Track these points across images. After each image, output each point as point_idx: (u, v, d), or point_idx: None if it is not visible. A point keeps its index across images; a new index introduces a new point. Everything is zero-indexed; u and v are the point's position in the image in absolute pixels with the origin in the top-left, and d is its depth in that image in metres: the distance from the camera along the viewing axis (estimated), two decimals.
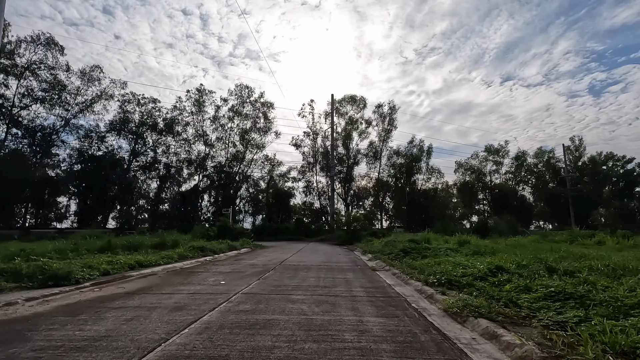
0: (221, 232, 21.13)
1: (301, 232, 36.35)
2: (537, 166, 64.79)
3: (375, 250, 14.98)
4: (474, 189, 59.25)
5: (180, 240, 16.42)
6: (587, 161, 67.38)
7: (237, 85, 42.37)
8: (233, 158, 42.26)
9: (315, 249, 19.29)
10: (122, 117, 36.53)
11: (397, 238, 16.54)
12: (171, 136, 38.81)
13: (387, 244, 15.20)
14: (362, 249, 18.25)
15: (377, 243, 18.96)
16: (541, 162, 64.67)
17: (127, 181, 34.22)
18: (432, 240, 14.37)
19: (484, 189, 60.15)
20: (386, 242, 15.68)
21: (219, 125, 42.08)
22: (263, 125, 43.47)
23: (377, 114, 50.95)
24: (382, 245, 15.75)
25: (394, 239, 16.07)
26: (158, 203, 36.93)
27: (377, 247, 15.71)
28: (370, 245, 18.78)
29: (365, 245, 19.30)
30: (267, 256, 14.38)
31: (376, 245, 17.21)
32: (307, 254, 16.06)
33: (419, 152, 53.68)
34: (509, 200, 60.77)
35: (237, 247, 18.27)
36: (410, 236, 17.57)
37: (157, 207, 36.42)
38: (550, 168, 63.17)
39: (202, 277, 7.94)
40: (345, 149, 49.81)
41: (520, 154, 62.23)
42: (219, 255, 14.17)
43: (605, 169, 67.96)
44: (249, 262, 11.44)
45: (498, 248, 11.76)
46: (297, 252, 17.17)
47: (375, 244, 18.82)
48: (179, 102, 39.51)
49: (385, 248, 14.10)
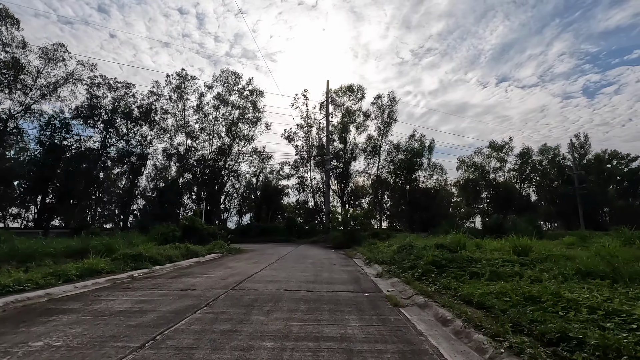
0: (186, 233, 16.59)
1: (292, 232, 31.83)
2: (542, 163, 61.05)
3: (385, 259, 10.55)
4: (477, 187, 55.09)
5: (120, 244, 11.87)
6: (592, 159, 64.06)
7: (222, 71, 37.92)
8: (218, 151, 37.65)
9: (304, 255, 14.79)
10: (91, 103, 31.81)
11: (412, 241, 12.07)
12: (148, 125, 34.14)
13: (400, 251, 10.77)
14: (364, 255, 13.80)
15: (383, 248, 14.50)
16: (546, 159, 60.96)
17: (94, 175, 29.53)
18: (467, 245, 9.90)
19: (487, 187, 56.00)
20: (399, 248, 11.24)
21: (202, 115, 37.47)
22: (252, 115, 38.91)
23: (375, 106, 46.61)
24: (392, 252, 11.31)
25: (409, 242, 11.62)
26: (131, 200, 32.29)
27: (386, 255, 11.28)
28: (375, 250, 14.33)
29: (368, 251, 14.85)
30: (229, 269, 9.86)
31: (384, 251, 12.76)
32: (289, 263, 11.55)
33: (420, 147, 49.39)
34: (514, 198, 56.94)
35: (200, 253, 13.73)
36: (432, 240, 13.17)
37: (129, 204, 31.78)
38: (555, 166, 59.43)
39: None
40: (342, 143, 45.36)
41: (524, 150, 58.25)
42: (157, 268, 9.62)
43: (609, 167, 64.98)
44: (184, 285, 6.93)
45: (577, 255, 7.37)
46: (277, 260, 12.67)
47: (381, 248, 14.36)
48: (156, 87, 34.89)
49: (399, 257, 9.67)
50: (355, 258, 13.61)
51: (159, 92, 34.81)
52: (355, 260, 12.85)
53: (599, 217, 60.37)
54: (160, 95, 34.83)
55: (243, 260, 12.43)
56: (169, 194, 30.34)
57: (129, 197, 31.59)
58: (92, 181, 29.67)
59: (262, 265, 10.71)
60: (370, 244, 18.18)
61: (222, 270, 9.52)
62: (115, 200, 33.11)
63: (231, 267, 10.19)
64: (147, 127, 34.54)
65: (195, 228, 16.87)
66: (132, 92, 33.81)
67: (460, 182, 55.31)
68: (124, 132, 33.45)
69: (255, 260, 12.32)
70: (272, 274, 8.62)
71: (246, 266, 10.47)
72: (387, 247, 14.84)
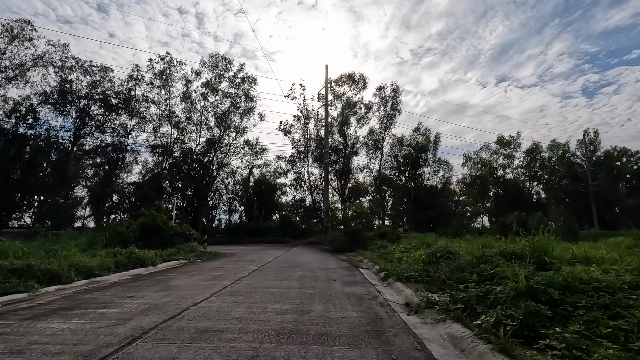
0: (145, 233, 12.79)
1: (287, 232, 28.05)
2: (550, 160, 57.52)
3: (412, 273, 6.77)
4: (485, 184, 51.36)
5: (20, 251, 8.09)
6: (602, 156, 60.67)
7: (211, 56, 34.02)
8: (207, 143, 33.83)
9: (293, 263, 10.94)
10: (62, 87, 27.98)
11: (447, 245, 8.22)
12: (127, 114, 30.32)
13: (435, 260, 7.02)
14: (373, 263, 10.02)
15: (399, 253, 10.72)
16: (555, 155, 57.47)
17: (63, 168, 25.71)
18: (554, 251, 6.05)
19: (495, 185, 52.26)
20: (432, 256, 7.46)
21: (189, 104, 33.63)
22: (244, 105, 35.08)
23: (378, 97, 42.79)
24: (422, 261, 7.52)
25: (445, 246, 7.79)
26: (106, 196, 28.44)
27: (411, 265, 7.53)
28: (388, 256, 10.55)
29: (379, 257, 11.07)
30: (166, 291, 6.05)
31: (403, 259, 9.03)
32: (267, 279, 7.75)
33: (425, 141, 45.67)
34: (522, 197, 53.42)
35: (151, 261, 9.90)
36: (470, 244, 9.42)
37: (104, 201, 27.91)
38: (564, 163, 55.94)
39: None
40: (342, 137, 41.53)
41: (533, 145, 54.63)
42: (49, 290, 5.79)
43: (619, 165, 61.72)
44: None
45: None
46: (254, 271, 8.85)
47: (396, 253, 10.56)
48: (136, 71, 31.03)
49: (441, 272, 5.90)
50: (362, 267, 9.80)
51: (139, 77, 30.99)
52: (363, 271, 9.05)
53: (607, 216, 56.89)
54: (141, 79, 31.00)
55: (205, 272, 8.62)
56: (148, 189, 26.51)
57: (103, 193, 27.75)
58: (62, 175, 25.84)
59: (225, 282, 6.91)
60: (379, 247, 14.38)
61: (151, 293, 5.71)
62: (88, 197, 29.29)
63: (173, 287, 6.38)
64: (127, 116, 30.73)
65: (157, 227, 13.06)
66: (110, 76, 30.01)
67: (467, 179, 51.59)
68: (100, 121, 29.62)
69: (221, 273, 8.50)
70: (225, 305, 4.81)
71: (199, 285, 6.66)
72: (403, 251, 11.04)
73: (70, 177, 26.36)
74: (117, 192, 28.48)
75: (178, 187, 30.78)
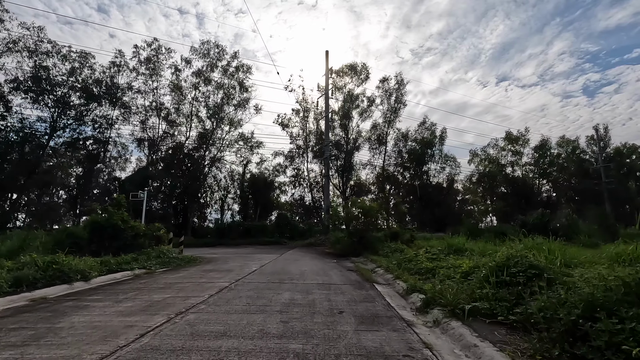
0: (97, 234, 9.90)
1: (284, 232, 25.17)
2: (560, 157, 54.73)
3: (470, 299, 3.82)
4: (494, 182, 48.43)
5: None
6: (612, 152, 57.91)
7: (203, 42, 31.13)
8: (199, 137, 30.96)
9: (281, 279, 7.91)
10: (37, 74, 25.11)
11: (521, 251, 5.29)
12: (110, 104, 27.45)
13: (501, 276, 4.07)
14: (394, 275, 7.07)
15: (425, 260, 7.81)
16: (565, 152, 54.72)
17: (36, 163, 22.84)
18: None
19: (505, 182, 49.33)
20: (496, 270, 4.46)
21: (179, 95, 30.74)
22: (239, 96, 32.17)
23: (381, 90, 39.87)
24: (479, 279, 4.56)
25: (517, 255, 4.88)
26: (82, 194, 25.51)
27: (461, 285, 4.58)
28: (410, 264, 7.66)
29: (396, 265, 8.17)
30: (36, 345, 3.10)
31: (432, 268, 6.12)
32: (229, 314, 4.81)
33: (431, 136, 42.80)
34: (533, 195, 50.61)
35: (84, 275, 6.97)
36: (522, 244, 6.42)
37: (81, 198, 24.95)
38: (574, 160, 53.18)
39: None
40: (344, 131, 38.62)
41: (543, 141, 51.81)
42: None
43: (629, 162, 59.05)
44: None
45: None
46: (219, 291, 5.91)
47: (423, 262, 7.64)
48: (119, 57, 28.14)
49: (527, 304, 2.92)
50: (379, 283, 6.86)
51: (122, 63, 28.11)
52: (381, 289, 6.12)
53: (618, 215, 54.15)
54: (124, 66, 28.12)
55: (147, 293, 5.70)
56: (130, 186, 23.61)
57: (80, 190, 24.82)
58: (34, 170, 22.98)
59: (155, 320, 3.99)
60: (393, 251, 11.46)
61: None
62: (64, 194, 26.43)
63: (40, 338, 3.48)
64: (110, 107, 27.87)
65: (114, 227, 10.15)
66: (91, 63, 27.13)
67: (474, 176, 48.61)
68: (80, 112, 26.75)
69: (169, 295, 5.56)
70: None
71: (104, 327, 3.75)
72: (432, 258, 8.13)
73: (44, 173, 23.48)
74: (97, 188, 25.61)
75: (166, 184, 27.93)
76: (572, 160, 53.92)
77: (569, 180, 55.73)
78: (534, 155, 52.13)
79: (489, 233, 20.27)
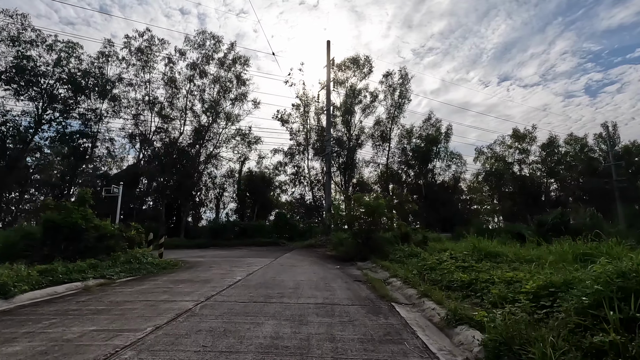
0: (51, 235, 8.13)
1: (282, 232, 23.39)
2: (568, 155, 52.74)
3: None
4: (502, 181, 46.48)
5: None
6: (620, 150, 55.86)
7: (198, 32, 29.37)
8: (194, 132, 29.18)
9: (269, 295, 6.05)
10: (20, 64, 23.40)
11: None
12: (99, 96, 25.71)
13: None
14: (419, 292, 5.24)
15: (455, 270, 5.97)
16: (573, 150, 52.72)
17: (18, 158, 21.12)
18: None
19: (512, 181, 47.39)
20: (614, 296, 2.59)
21: (173, 87, 28.97)
22: (235, 90, 30.38)
23: (385, 85, 37.98)
24: (595, 318, 2.71)
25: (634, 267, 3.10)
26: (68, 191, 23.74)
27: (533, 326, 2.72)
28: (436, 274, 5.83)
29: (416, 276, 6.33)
30: None
31: (472, 281, 4.23)
32: None
33: (436, 133, 40.93)
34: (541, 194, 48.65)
35: (5, 291, 5.17)
36: None
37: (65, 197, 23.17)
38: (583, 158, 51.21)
39: None
40: (346, 127, 36.70)
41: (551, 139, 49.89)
42: None
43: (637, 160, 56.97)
44: None
45: None
46: (174, 319, 4.11)
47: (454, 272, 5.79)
48: (108, 46, 26.39)
49: None
50: (401, 303, 5.03)
51: (111, 53, 26.36)
52: (405, 313, 4.32)
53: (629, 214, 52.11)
54: (113, 56, 26.37)
55: (82, 319, 3.90)
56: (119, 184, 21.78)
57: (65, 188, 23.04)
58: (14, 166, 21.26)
59: None
60: (407, 255, 9.63)
61: None
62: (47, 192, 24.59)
63: None
64: (99, 100, 26.14)
65: (73, 226, 8.37)
66: (78, 53, 25.42)
67: (481, 175, 46.65)
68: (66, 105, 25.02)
69: (103, 325, 3.77)
70: None
71: None
72: (463, 266, 6.29)
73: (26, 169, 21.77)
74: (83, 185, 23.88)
75: (159, 182, 26.17)
76: (581, 159, 51.93)
77: (577, 179, 53.79)
78: (541, 154, 50.23)
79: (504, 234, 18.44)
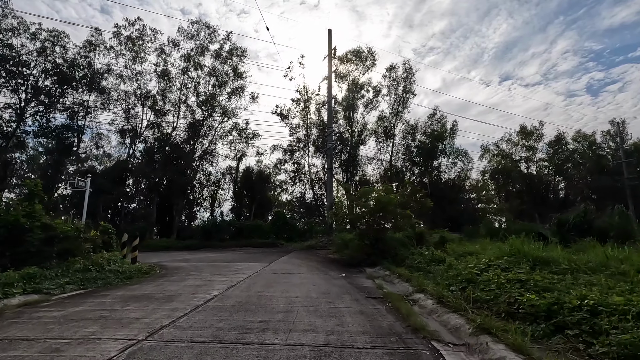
0: None
1: (281, 233, 21.61)
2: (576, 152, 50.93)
3: None
4: (509, 179, 44.66)
5: None
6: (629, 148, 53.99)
7: (192, 22, 27.64)
8: (188, 127, 27.43)
9: (247, 327, 4.25)
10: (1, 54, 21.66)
11: None
12: (86, 88, 23.97)
13: None
14: (476, 325, 3.43)
15: (511, 285, 4.08)
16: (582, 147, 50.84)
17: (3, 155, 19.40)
18: None
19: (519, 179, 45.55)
20: None
21: (166, 80, 27.21)
22: (232, 83, 28.60)
23: (388, 79, 36.13)
24: None
25: None
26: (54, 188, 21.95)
27: None
28: (479, 289, 3.96)
29: (458, 293, 4.47)
30: None
31: (537, 303, 2.32)
32: None
33: (441, 129, 39.11)
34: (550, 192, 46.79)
35: None
36: None
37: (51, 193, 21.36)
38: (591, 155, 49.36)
39: None
40: (348, 123, 34.86)
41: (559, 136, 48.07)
42: None
43: None
44: None
45: None
46: None
47: (511, 289, 3.93)
48: (95, 35, 24.65)
49: None
50: (448, 344, 3.23)
51: (98, 42, 24.57)
52: None
53: None
54: (100, 45, 24.59)
55: None
56: (104, 181, 20.10)
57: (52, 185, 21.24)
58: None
59: None
60: (428, 261, 7.80)
61: None
62: None
63: None
64: (86, 92, 24.40)
65: (12, 226, 6.61)
66: (65, 42, 23.68)
67: (487, 173, 44.79)
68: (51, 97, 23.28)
69: None
70: None
71: None
72: (512, 280, 4.47)
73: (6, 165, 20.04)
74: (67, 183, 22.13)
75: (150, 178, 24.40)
76: (589, 156, 50.03)
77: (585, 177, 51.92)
78: (549, 151, 48.39)
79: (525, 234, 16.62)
